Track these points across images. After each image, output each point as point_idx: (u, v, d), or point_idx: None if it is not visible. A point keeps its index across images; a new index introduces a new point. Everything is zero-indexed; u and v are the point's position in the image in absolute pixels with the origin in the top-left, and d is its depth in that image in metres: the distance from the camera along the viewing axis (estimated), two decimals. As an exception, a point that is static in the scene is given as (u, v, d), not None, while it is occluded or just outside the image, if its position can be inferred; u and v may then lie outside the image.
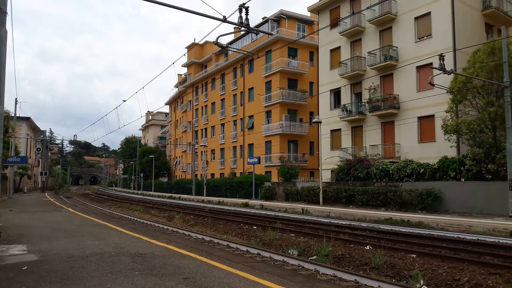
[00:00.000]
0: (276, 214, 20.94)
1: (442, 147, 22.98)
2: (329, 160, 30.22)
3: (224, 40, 57.30)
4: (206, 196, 40.68)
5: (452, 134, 20.96)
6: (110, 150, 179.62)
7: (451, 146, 22.21)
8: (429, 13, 25.54)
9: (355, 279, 6.88)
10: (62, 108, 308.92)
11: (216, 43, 11.14)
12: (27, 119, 51.94)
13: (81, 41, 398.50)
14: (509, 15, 27.48)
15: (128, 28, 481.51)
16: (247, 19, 10.56)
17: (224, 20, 10.50)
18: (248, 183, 35.42)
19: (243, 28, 10.67)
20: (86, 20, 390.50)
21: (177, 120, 68.81)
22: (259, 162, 35.68)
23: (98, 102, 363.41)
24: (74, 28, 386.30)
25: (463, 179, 19.60)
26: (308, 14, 39.66)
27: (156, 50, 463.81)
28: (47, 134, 78.30)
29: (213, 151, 52.00)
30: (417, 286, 6.95)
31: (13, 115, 36.01)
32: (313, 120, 29.27)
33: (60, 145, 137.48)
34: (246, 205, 27.38)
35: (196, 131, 57.09)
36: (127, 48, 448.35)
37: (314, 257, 9.06)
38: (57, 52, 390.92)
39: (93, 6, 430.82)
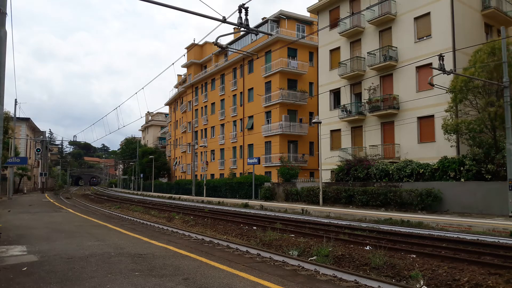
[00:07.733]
0: (276, 214, 20.94)
1: (442, 147, 22.99)
2: (329, 161, 30.21)
3: (223, 41, 57.45)
4: (206, 196, 40.64)
5: (452, 134, 20.94)
6: (110, 150, 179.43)
7: (451, 146, 22.22)
8: (428, 13, 25.56)
9: (355, 280, 6.88)
10: (59, 108, 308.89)
11: (215, 43, 11.14)
12: (27, 120, 51.98)
13: (77, 39, 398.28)
14: (509, 15, 27.50)
15: (124, 25, 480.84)
16: (246, 19, 10.56)
17: (224, 20, 10.49)
18: (248, 183, 35.41)
19: (242, 29, 10.67)
20: (81, 17, 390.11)
21: (176, 120, 68.86)
22: (259, 162, 35.66)
23: (95, 101, 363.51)
24: (70, 26, 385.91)
25: (463, 179, 19.58)
26: (308, 14, 39.66)
27: (153, 48, 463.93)
28: (47, 134, 78.25)
29: (213, 151, 52.00)
30: (417, 286, 6.94)
31: (13, 116, 36.02)
32: (313, 121, 29.26)
33: (60, 146, 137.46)
34: (246, 206, 27.38)
35: (196, 132, 57.08)
36: (123, 46, 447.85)
37: (314, 257, 9.06)
38: (52, 51, 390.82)
39: (88, 3, 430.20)
